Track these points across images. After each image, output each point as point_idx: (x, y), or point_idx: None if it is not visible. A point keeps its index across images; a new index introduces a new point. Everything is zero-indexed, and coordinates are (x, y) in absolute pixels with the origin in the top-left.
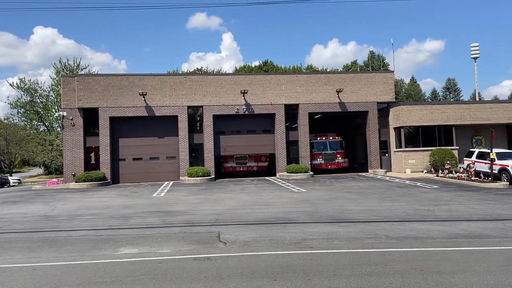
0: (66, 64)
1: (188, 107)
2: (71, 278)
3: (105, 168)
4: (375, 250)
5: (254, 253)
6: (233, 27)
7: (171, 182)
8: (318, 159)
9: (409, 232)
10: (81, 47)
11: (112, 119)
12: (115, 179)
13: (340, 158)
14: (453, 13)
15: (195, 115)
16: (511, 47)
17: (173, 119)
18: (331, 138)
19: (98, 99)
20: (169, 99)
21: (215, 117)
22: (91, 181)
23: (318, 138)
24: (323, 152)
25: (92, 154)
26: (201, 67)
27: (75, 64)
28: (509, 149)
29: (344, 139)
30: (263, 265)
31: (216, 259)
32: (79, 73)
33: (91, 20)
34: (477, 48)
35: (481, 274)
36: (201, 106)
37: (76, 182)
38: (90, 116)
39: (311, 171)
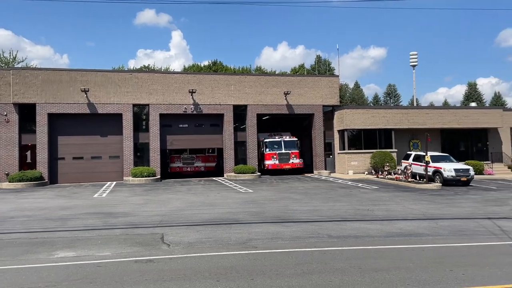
0: (1, 56)
1: (134, 105)
2: (0, 284)
3: (42, 168)
4: (317, 249)
5: (198, 255)
6: (182, 25)
7: (114, 183)
8: (273, 159)
9: (350, 231)
10: (20, 39)
11: (51, 116)
12: (53, 179)
13: (295, 159)
14: (394, 21)
15: (141, 113)
16: (447, 55)
17: (117, 117)
18: (286, 137)
19: (35, 94)
20: (113, 96)
21: (162, 116)
22: (26, 181)
23: (273, 138)
24: (277, 152)
25: (28, 153)
26: (149, 65)
27: (11, 57)
28: (442, 152)
29: None
30: (207, 267)
31: (159, 261)
32: (15, 66)
33: (31, 11)
34: (415, 56)
35: (415, 270)
36: (147, 105)
37: (9, 182)
38: (26, 112)
39: (265, 171)
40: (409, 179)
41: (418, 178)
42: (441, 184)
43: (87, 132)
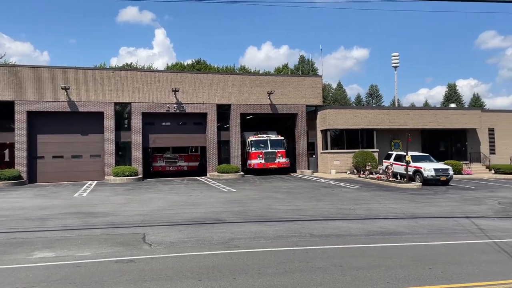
0: None
1: (116, 103)
2: None
3: (20, 167)
4: (299, 248)
5: (180, 254)
6: (166, 23)
7: (95, 182)
8: (258, 158)
9: (332, 230)
10: None
11: (30, 114)
12: (32, 179)
13: (281, 158)
14: (377, 23)
15: (123, 112)
16: (428, 57)
17: (99, 115)
18: (272, 136)
19: (14, 91)
20: (94, 94)
21: (145, 114)
22: (4, 180)
23: (259, 136)
24: (263, 151)
25: (6, 151)
26: (131, 63)
27: None
28: (423, 152)
29: None
30: (189, 266)
31: (140, 261)
32: None
33: (11, 6)
34: (397, 57)
35: (394, 268)
36: (130, 103)
37: None
38: (4, 110)
39: (249, 170)
40: (390, 179)
41: (399, 178)
42: (421, 183)
43: (67, 131)
